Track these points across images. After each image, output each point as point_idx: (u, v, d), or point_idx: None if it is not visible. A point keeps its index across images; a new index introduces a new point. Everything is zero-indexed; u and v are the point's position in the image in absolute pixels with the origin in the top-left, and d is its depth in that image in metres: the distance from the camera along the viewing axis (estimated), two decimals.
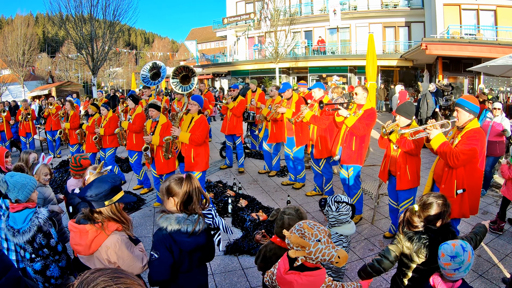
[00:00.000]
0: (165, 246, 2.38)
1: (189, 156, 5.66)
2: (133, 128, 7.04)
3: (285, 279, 2.20)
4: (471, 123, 3.93)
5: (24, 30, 34.48)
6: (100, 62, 19.76)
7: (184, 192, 2.46)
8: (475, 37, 17.97)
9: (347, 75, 25.04)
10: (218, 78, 34.73)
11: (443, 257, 2.33)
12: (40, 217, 3.10)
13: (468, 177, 3.91)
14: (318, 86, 6.56)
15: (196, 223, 2.43)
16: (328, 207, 3.20)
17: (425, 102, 11.68)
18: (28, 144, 11.22)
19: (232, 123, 8.39)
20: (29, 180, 3.21)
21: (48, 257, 3.19)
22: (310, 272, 2.17)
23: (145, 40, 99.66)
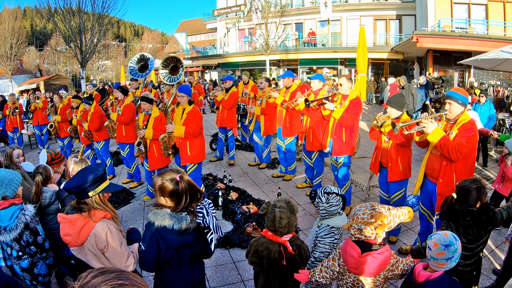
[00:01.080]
0: (152, 241, 2.38)
1: (185, 148, 5.57)
2: (122, 120, 6.94)
3: (361, 261, 2.40)
4: (463, 115, 3.92)
5: (11, 23, 33.89)
6: (88, 55, 19.46)
7: (176, 194, 2.42)
8: (466, 31, 18.02)
9: (338, 68, 25.02)
10: (208, 70, 34.58)
11: (435, 247, 2.30)
12: (27, 214, 3.03)
13: (465, 169, 3.91)
14: (319, 78, 6.47)
15: (183, 221, 2.39)
16: (318, 198, 3.17)
17: (410, 94, 11.69)
18: (16, 139, 11.04)
19: (223, 115, 8.31)
20: (15, 175, 3.15)
21: (35, 255, 3.14)
22: (380, 251, 2.42)
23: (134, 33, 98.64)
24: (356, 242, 2.47)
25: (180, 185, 2.41)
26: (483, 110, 8.13)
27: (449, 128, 3.99)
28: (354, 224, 2.47)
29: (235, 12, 29.00)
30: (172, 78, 6.91)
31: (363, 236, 2.44)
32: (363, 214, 2.45)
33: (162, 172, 2.49)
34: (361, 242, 2.46)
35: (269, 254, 2.76)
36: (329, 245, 3.15)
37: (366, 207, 2.49)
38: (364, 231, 2.43)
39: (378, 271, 2.45)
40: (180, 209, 2.42)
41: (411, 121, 4.21)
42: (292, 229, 2.79)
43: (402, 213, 2.50)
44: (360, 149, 8.18)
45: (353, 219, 2.49)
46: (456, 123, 3.92)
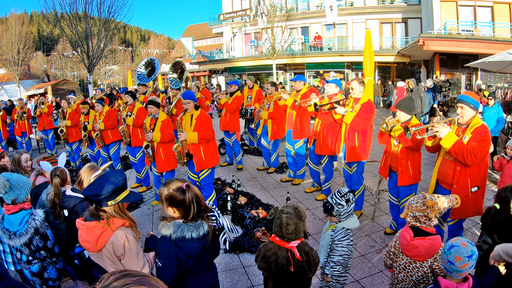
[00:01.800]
0: (171, 255, 2.35)
1: (199, 154, 5.50)
2: (138, 123, 6.95)
3: (412, 244, 2.70)
4: (475, 119, 3.89)
5: (18, 29, 34.20)
6: (95, 60, 19.63)
7: (184, 203, 2.41)
8: (472, 33, 17.94)
9: (344, 71, 25.00)
10: (215, 75, 34.65)
11: (459, 261, 2.27)
12: (37, 219, 3.05)
13: (479, 173, 3.87)
14: (336, 83, 6.37)
15: (201, 228, 2.38)
16: (338, 205, 3.13)
17: (418, 97, 11.64)
18: (24, 144, 11.11)
19: (226, 119, 8.29)
20: (27, 180, 3.17)
21: (45, 259, 3.14)
22: (431, 237, 2.69)
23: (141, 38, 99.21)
24: (411, 228, 2.77)
25: (187, 194, 2.40)
26: (492, 113, 8.06)
27: (462, 132, 3.94)
28: (409, 212, 2.78)
29: (240, 16, 29.04)
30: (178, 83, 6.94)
31: (418, 222, 2.74)
32: (416, 203, 2.75)
33: (168, 182, 2.48)
34: (415, 228, 2.74)
35: (276, 259, 2.74)
36: (347, 247, 3.14)
37: (418, 197, 2.79)
38: (419, 217, 2.73)
39: (425, 256, 2.68)
40: (191, 218, 2.41)
41: (424, 125, 4.17)
42: (300, 235, 2.77)
43: (450, 199, 2.79)
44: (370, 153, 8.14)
45: (408, 208, 2.80)
46: (468, 127, 3.87)
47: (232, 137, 8.45)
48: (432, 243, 2.68)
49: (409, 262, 2.79)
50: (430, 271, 2.72)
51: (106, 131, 7.69)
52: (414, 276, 2.78)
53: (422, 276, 2.73)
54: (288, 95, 6.96)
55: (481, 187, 3.90)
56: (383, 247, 4.77)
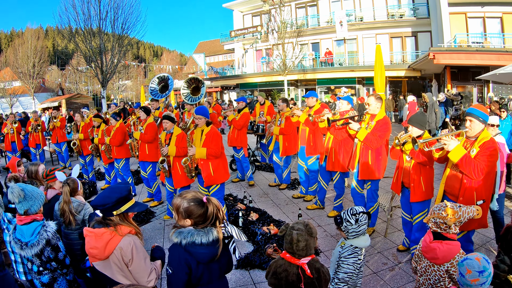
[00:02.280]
0: (181, 261, 2.38)
1: (208, 170, 5.53)
2: (145, 138, 7.03)
3: (431, 246, 2.87)
4: (483, 133, 3.90)
5: (34, 43, 34.92)
6: (109, 75, 19.95)
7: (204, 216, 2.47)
8: (482, 45, 17.93)
9: (355, 87, 25.02)
10: (227, 90, 34.94)
11: (469, 274, 2.28)
12: (48, 230, 3.08)
13: (486, 187, 3.87)
14: (348, 100, 6.35)
15: (210, 233, 2.42)
16: (346, 222, 3.13)
17: (433, 112, 11.59)
18: (38, 155, 11.29)
19: (233, 135, 8.34)
20: (41, 192, 3.21)
21: (56, 270, 3.16)
22: (449, 242, 2.84)
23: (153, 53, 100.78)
24: (433, 232, 2.93)
25: (209, 208, 2.46)
26: (505, 126, 8.00)
27: (470, 145, 3.94)
28: (431, 218, 2.92)
29: (252, 33, 29.36)
30: (194, 98, 7.01)
31: (438, 228, 2.88)
32: (439, 210, 2.89)
33: (184, 194, 2.51)
34: (437, 233, 2.90)
35: (287, 276, 2.72)
36: (353, 266, 3.10)
37: (441, 205, 2.93)
38: (439, 224, 2.87)
39: (442, 260, 2.79)
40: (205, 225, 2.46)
41: (432, 138, 4.16)
42: (311, 252, 2.74)
43: (471, 210, 2.91)
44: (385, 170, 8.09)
45: (431, 214, 2.95)
46: (477, 141, 3.89)
47: (240, 153, 8.47)
48: (450, 247, 2.80)
49: (428, 265, 2.91)
50: (448, 276, 2.78)
51: (112, 147, 7.73)
52: (432, 280, 2.88)
53: (439, 279, 2.81)
54: (301, 112, 6.98)
55: (486, 200, 3.91)
56: (396, 264, 4.70)
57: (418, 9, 22.79)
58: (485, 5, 18.88)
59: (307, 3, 27.53)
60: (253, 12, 30.87)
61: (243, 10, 31.40)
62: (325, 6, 26.66)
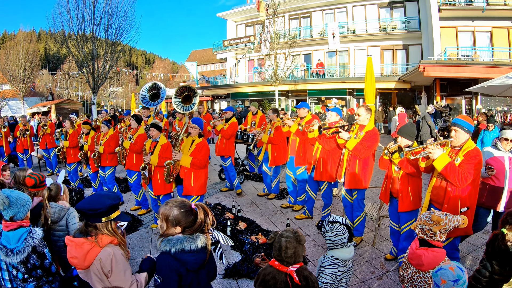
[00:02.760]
0: (171, 270, 2.35)
1: (188, 179, 5.55)
2: (134, 148, 6.99)
3: (416, 253, 2.93)
4: (468, 142, 4.00)
5: (26, 46, 34.55)
6: (100, 81, 19.81)
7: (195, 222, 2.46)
8: (471, 58, 18.28)
9: (346, 98, 25.21)
10: (218, 100, 34.94)
11: (444, 284, 2.34)
12: (35, 237, 3.02)
13: (469, 195, 3.94)
14: (337, 111, 6.43)
15: (198, 239, 2.42)
16: (323, 228, 3.17)
17: (426, 124, 11.73)
18: (26, 161, 11.16)
19: (222, 144, 8.38)
20: (27, 197, 3.15)
21: (41, 278, 3.10)
22: (434, 248, 2.89)
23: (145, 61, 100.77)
24: (420, 240, 3.00)
25: (199, 215, 2.46)
26: (492, 137, 8.16)
27: (455, 154, 4.04)
28: (418, 224, 3.00)
29: (245, 43, 29.49)
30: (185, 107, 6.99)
31: (424, 235, 2.96)
32: (426, 217, 2.97)
33: (171, 203, 2.50)
34: (424, 241, 2.97)
35: (275, 283, 2.70)
36: (331, 277, 3.08)
37: (428, 212, 3.04)
38: (425, 230, 2.95)
39: (427, 267, 2.84)
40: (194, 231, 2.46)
41: (418, 146, 4.23)
42: (299, 260, 2.74)
43: (456, 219, 2.99)
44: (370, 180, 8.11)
45: (418, 221, 3.04)
46: (461, 150, 3.99)
47: (227, 162, 8.48)
48: (435, 254, 2.86)
49: (414, 272, 2.97)
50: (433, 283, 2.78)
51: (104, 154, 7.68)
52: (418, 286, 2.93)
53: (424, 286, 2.85)
54: (292, 122, 7.01)
55: (471, 207, 3.98)
56: (384, 273, 4.71)
57: (409, 22, 23.18)
58: (475, 19, 19.30)
59: (300, 15, 27.83)
60: (246, 22, 31.08)
61: (237, 20, 31.60)
62: (318, 18, 26.97)
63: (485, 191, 4.78)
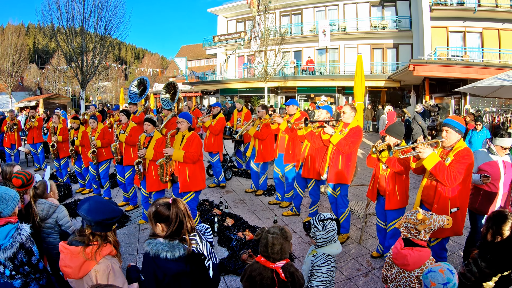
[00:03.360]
0: (149, 270, 2.39)
1: (184, 175, 5.46)
2: (130, 141, 6.93)
3: (401, 253, 2.93)
4: (459, 142, 4.01)
5: (14, 40, 34.01)
6: (89, 75, 19.63)
7: (171, 218, 2.42)
8: (461, 59, 18.42)
9: (335, 95, 25.32)
10: (207, 95, 34.85)
11: (434, 286, 2.35)
12: (22, 234, 2.99)
13: (459, 195, 3.96)
14: (327, 109, 6.47)
15: (176, 249, 2.37)
16: (314, 228, 3.15)
17: (417, 125, 11.82)
18: (13, 156, 11.02)
19: (210, 140, 8.40)
20: (14, 193, 3.11)
21: (29, 275, 3.07)
22: (419, 248, 2.91)
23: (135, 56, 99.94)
24: (404, 239, 3.02)
25: (171, 209, 2.41)
26: (480, 137, 8.27)
27: (445, 154, 4.06)
28: (403, 222, 3.02)
29: (235, 39, 29.44)
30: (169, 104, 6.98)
31: (409, 233, 2.98)
32: (411, 215, 2.99)
33: (156, 201, 2.52)
34: (408, 240, 2.99)
35: (262, 279, 2.72)
36: (327, 273, 3.12)
37: (414, 211, 3.04)
38: (410, 229, 2.97)
39: (412, 266, 2.86)
40: (170, 234, 2.41)
41: (408, 146, 4.27)
42: (285, 256, 2.76)
43: (442, 219, 3.01)
44: (357, 176, 8.17)
45: (403, 219, 3.06)
46: (452, 150, 4.00)
47: (215, 157, 8.50)
48: (420, 254, 2.87)
49: (398, 272, 2.99)
50: (418, 282, 2.83)
51: (101, 149, 7.65)
52: (402, 286, 2.95)
53: (409, 285, 2.87)
54: (281, 119, 7.02)
55: (461, 208, 3.99)
56: (370, 270, 4.76)
57: (400, 21, 23.32)
58: (466, 20, 19.47)
59: (291, 12, 27.82)
60: (237, 18, 31.00)
61: (228, 16, 31.50)
62: (309, 15, 27.01)
63: (479, 197, 4.73)
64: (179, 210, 2.43)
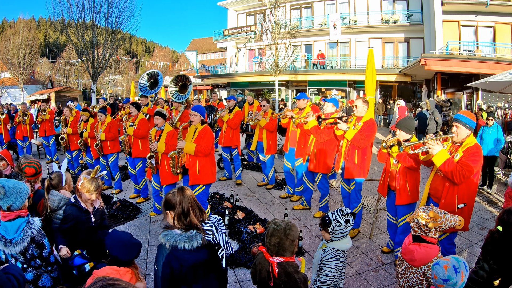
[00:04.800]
0: (165, 262, 2.43)
1: (194, 168, 5.51)
2: (139, 133, 6.99)
3: (409, 248, 2.94)
4: (469, 138, 3.97)
5: (25, 34, 34.21)
6: (100, 69, 19.67)
7: (177, 205, 2.50)
8: (473, 53, 18.15)
9: (346, 90, 25.13)
10: (218, 89, 34.83)
11: (435, 279, 2.38)
12: (33, 227, 3.02)
13: (467, 191, 3.93)
14: (333, 102, 6.42)
15: (194, 240, 2.43)
16: (336, 222, 3.10)
17: (433, 120, 11.68)
18: (25, 148, 11.15)
19: (228, 135, 8.33)
20: (24, 186, 3.14)
21: (40, 268, 3.11)
22: (427, 244, 2.90)
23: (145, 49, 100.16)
24: (413, 235, 3.00)
25: (176, 196, 2.52)
26: (491, 133, 8.14)
27: (455, 150, 4.02)
28: (415, 218, 2.98)
29: (245, 32, 29.30)
30: (180, 96, 6.97)
31: (419, 229, 2.95)
32: (424, 211, 2.96)
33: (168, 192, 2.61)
34: (417, 237, 2.96)
35: (261, 270, 2.72)
36: (335, 268, 3.10)
37: (426, 207, 3.02)
38: (420, 225, 2.93)
39: (419, 262, 2.86)
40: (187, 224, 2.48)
41: (418, 141, 4.23)
42: (285, 254, 2.66)
43: (454, 219, 2.97)
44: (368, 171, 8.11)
45: (414, 214, 3.02)
46: (461, 146, 3.96)
47: (234, 152, 8.48)
48: (427, 250, 2.87)
49: (407, 267, 2.99)
50: (425, 279, 2.82)
51: (106, 142, 7.71)
52: (410, 282, 2.96)
53: (417, 282, 2.86)
54: (292, 113, 7.01)
55: (468, 204, 3.96)
56: (380, 266, 4.74)
57: (412, 15, 22.99)
58: (479, 14, 19.13)
59: (302, 5, 27.58)
60: (247, 12, 30.81)
61: (238, 9, 31.33)
62: (319, 9, 26.75)
63: None
64: (184, 196, 2.52)
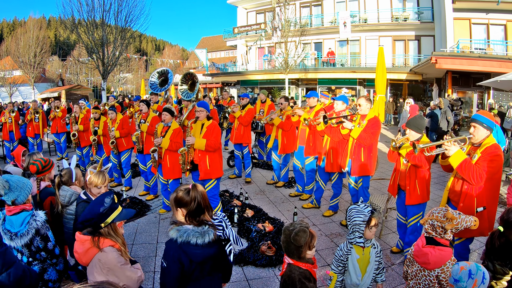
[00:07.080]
0: (174, 258, 2.42)
1: (204, 163, 5.55)
2: (152, 130, 7.00)
3: (423, 251, 2.86)
4: (488, 138, 3.86)
5: (36, 33, 34.71)
6: (110, 67, 19.83)
7: (190, 202, 2.50)
8: (485, 52, 17.92)
9: (356, 88, 25.02)
10: (227, 87, 34.88)
11: (449, 277, 2.38)
12: (38, 220, 3.06)
13: (487, 194, 3.83)
14: (343, 100, 6.36)
15: (206, 235, 2.44)
16: (375, 213, 3.21)
17: (445, 119, 11.56)
18: (36, 145, 11.26)
19: (239, 132, 8.32)
20: (27, 181, 3.19)
21: (45, 261, 3.15)
22: (441, 247, 2.81)
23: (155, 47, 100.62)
24: (426, 237, 2.91)
25: (190, 193, 2.50)
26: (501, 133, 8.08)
27: (473, 151, 3.92)
28: (429, 219, 2.89)
29: (255, 30, 29.26)
30: (189, 94, 7.00)
31: (434, 231, 2.86)
32: (438, 213, 2.87)
33: (177, 188, 2.60)
34: (430, 239, 2.88)
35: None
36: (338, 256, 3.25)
37: (441, 209, 2.92)
38: (436, 227, 2.85)
39: (433, 265, 2.79)
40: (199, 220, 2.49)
41: (433, 143, 4.15)
42: (292, 256, 2.71)
43: (469, 219, 2.87)
44: (378, 170, 8.08)
45: (429, 216, 2.92)
46: (480, 147, 3.86)
47: (245, 150, 8.49)
48: (442, 253, 2.79)
49: (419, 270, 2.91)
50: (438, 282, 2.78)
51: (120, 139, 7.77)
52: (422, 284, 2.88)
53: (429, 285, 2.81)
54: (302, 111, 6.98)
55: (488, 207, 3.84)
56: (389, 266, 4.71)
57: (422, 13, 22.78)
58: (490, 12, 18.88)
59: (311, 3, 27.48)
60: (257, 10, 30.77)
61: (248, 7, 31.31)
62: (329, 6, 26.62)
63: None
64: (198, 193, 2.52)
